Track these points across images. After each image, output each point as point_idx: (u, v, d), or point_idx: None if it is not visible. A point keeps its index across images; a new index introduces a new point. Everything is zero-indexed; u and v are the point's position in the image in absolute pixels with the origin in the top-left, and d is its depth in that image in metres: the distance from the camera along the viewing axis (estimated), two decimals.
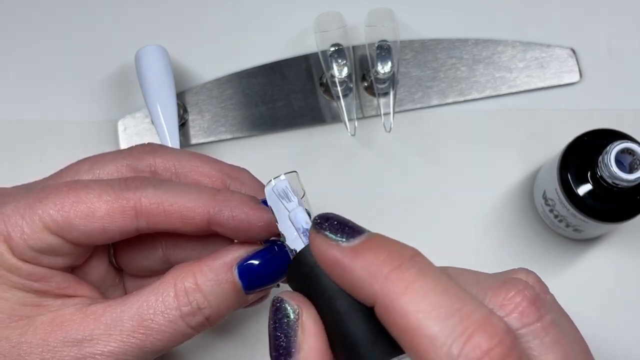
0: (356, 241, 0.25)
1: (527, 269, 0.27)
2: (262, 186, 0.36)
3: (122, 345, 0.31)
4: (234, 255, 0.33)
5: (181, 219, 0.32)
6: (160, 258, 0.36)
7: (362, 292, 0.24)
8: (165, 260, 0.36)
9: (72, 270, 0.35)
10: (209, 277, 0.32)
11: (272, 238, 0.33)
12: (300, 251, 0.27)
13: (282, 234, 0.31)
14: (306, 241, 0.28)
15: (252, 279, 0.33)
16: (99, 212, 0.32)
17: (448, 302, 0.23)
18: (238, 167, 0.36)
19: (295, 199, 0.30)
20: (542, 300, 0.25)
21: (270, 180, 0.32)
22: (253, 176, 0.36)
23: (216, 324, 0.34)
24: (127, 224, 0.32)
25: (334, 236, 0.25)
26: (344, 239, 0.25)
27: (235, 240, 0.34)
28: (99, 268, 0.36)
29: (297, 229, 0.29)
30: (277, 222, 0.31)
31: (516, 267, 0.28)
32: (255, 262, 0.32)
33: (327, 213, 0.27)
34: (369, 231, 0.26)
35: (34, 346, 0.31)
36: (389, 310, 0.23)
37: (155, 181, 0.34)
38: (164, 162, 0.35)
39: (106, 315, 0.32)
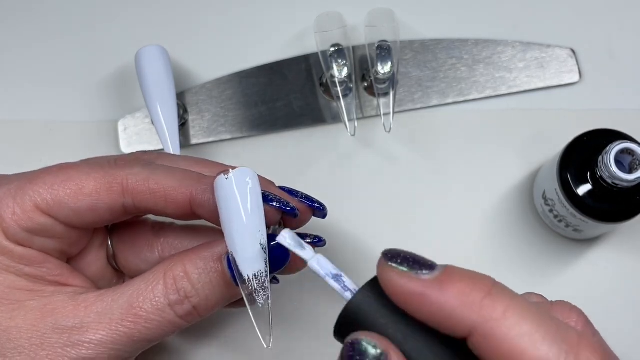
0: (436, 272, 0.24)
1: (570, 304, 0.28)
2: (265, 180, 0.36)
3: (110, 334, 0.31)
4: (224, 246, 0.33)
5: (165, 198, 0.33)
6: (157, 261, 0.36)
7: (454, 323, 0.24)
8: None
9: (68, 262, 0.35)
10: (198, 265, 0.32)
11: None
12: (354, 297, 0.25)
13: (225, 231, 0.30)
14: (338, 287, 0.26)
15: None
16: (87, 189, 0.32)
17: (545, 323, 0.23)
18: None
19: (308, 246, 0.29)
20: (610, 353, 0.26)
21: (221, 174, 0.31)
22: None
23: (205, 315, 0.34)
24: (114, 201, 0.32)
25: (409, 270, 0.24)
26: (423, 271, 0.24)
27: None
28: (95, 265, 0.36)
29: (323, 276, 0.27)
30: (222, 221, 0.31)
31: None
32: None
33: (394, 249, 0.25)
34: (440, 264, 0.25)
35: (24, 331, 0.31)
36: (490, 337, 0.23)
37: (144, 162, 0.34)
38: None
39: (97, 304, 0.32)
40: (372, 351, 0.24)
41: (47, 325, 0.31)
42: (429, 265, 0.25)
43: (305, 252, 0.28)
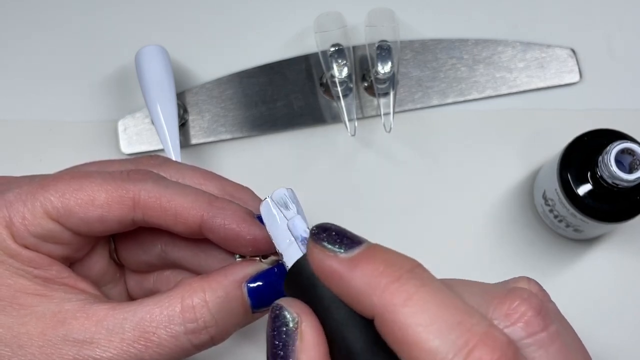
0: (355, 252, 0.25)
1: (528, 277, 0.27)
2: None
3: (120, 353, 0.31)
4: (244, 272, 0.32)
5: (175, 217, 0.32)
6: (159, 253, 0.36)
7: (360, 304, 0.24)
8: (163, 257, 0.36)
9: (74, 264, 0.35)
10: (219, 294, 0.32)
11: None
12: (297, 260, 0.27)
13: (280, 253, 0.30)
14: (304, 250, 0.27)
15: (261, 297, 0.32)
16: (98, 200, 0.32)
17: (449, 314, 0.22)
18: (241, 186, 0.36)
19: (294, 207, 0.30)
20: (547, 310, 0.25)
21: (266, 198, 0.31)
22: (256, 196, 0.36)
23: (218, 343, 0.33)
24: (124, 215, 0.32)
25: (331, 247, 0.25)
26: (342, 250, 0.25)
27: (237, 256, 0.34)
28: (100, 262, 0.36)
29: (295, 237, 0.28)
30: (272, 239, 0.31)
31: (518, 275, 0.27)
32: (265, 280, 0.32)
33: (325, 223, 0.26)
34: (368, 241, 0.25)
35: (35, 339, 0.31)
36: (388, 323, 0.23)
37: (157, 176, 0.34)
38: (168, 176, 0.35)
39: (108, 320, 0.31)
40: (288, 315, 0.26)
41: (58, 335, 0.31)
42: (353, 243, 0.25)
43: (289, 212, 0.30)
